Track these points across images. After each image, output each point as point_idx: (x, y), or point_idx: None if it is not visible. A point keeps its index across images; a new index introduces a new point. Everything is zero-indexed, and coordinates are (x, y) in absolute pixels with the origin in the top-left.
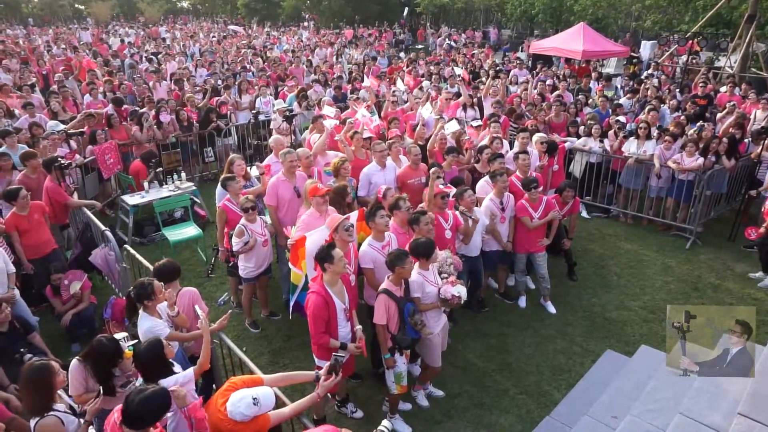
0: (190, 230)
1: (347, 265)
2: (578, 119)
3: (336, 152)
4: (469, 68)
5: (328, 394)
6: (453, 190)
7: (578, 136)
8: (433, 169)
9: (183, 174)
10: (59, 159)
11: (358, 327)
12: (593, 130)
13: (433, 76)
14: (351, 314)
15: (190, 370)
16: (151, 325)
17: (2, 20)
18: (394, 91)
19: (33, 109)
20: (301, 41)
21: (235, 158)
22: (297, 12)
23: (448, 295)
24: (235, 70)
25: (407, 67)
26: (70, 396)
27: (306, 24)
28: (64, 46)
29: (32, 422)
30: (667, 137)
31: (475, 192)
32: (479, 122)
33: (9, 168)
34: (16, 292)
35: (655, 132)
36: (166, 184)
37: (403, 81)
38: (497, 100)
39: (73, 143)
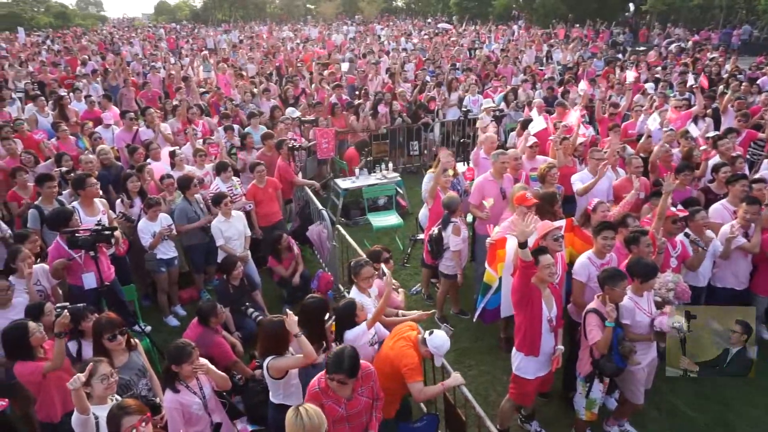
0: (392, 218)
1: (554, 275)
2: None
3: (545, 157)
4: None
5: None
6: (685, 214)
7: None
8: (667, 183)
9: (390, 164)
10: (291, 141)
11: (560, 348)
12: None
13: (661, 83)
14: (557, 330)
15: (364, 324)
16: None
17: (250, 18)
18: (610, 96)
19: (269, 94)
20: (511, 40)
21: (445, 152)
22: (508, 10)
23: (665, 328)
24: (444, 68)
25: (622, 71)
26: None
27: (516, 22)
28: (298, 41)
29: (266, 361)
30: None
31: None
32: (716, 133)
33: (252, 146)
34: (248, 253)
35: None
36: (374, 172)
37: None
38: (743, 112)
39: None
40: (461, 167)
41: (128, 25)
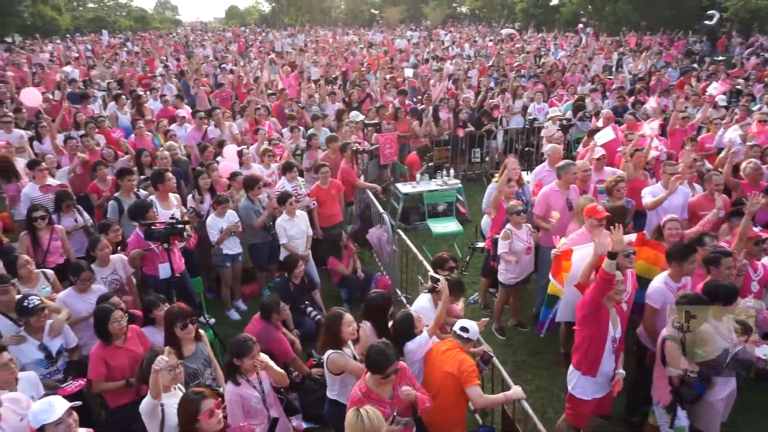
0: (452, 225)
1: (622, 293)
2: None
3: (613, 169)
4: None
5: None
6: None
7: None
8: (752, 202)
9: (451, 170)
10: (355, 144)
11: (621, 372)
12: None
13: (744, 96)
14: (619, 352)
15: (425, 333)
16: (425, 306)
17: (316, 23)
18: (686, 108)
19: (334, 97)
20: (578, 47)
21: (512, 161)
22: (576, 17)
23: (752, 357)
24: (509, 75)
25: (698, 81)
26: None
27: (584, 29)
28: (362, 46)
29: (325, 355)
30: None
31: None
32: None
33: (316, 147)
34: (309, 252)
35: None
36: (435, 178)
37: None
38: None
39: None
40: (526, 177)
41: (201, 28)
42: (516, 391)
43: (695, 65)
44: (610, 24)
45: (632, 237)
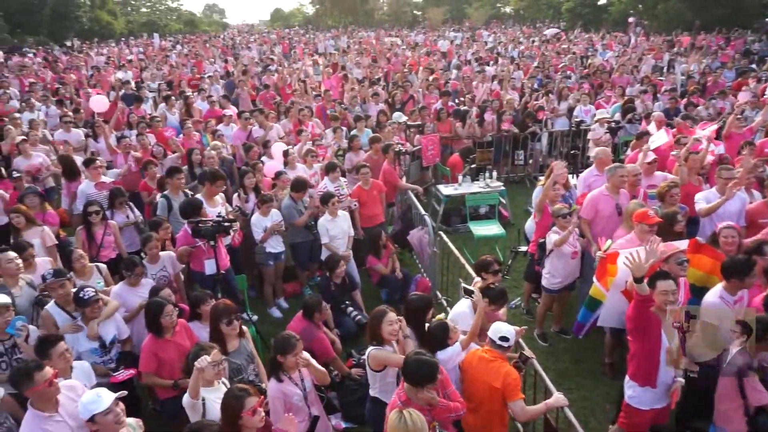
0: (494, 228)
1: (673, 303)
2: None
3: (664, 174)
4: None
5: None
6: None
7: None
8: None
9: (494, 172)
10: (398, 145)
11: (680, 380)
12: None
13: None
14: (678, 363)
15: (458, 345)
16: (464, 312)
17: (359, 24)
18: (743, 111)
19: (378, 98)
20: (627, 48)
21: (559, 164)
22: (625, 16)
23: None
24: (554, 76)
25: (758, 82)
26: None
27: (634, 29)
28: (404, 47)
29: (368, 350)
30: None
31: None
32: None
33: (358, 148)
34: (350, 253)
35: None
36: (477, 180)
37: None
38: None
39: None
40: (572, 180)
41: (248, 30)
42: (557, 398)
43: (753, 66)
44: (662, 23)
45: (684, 243)
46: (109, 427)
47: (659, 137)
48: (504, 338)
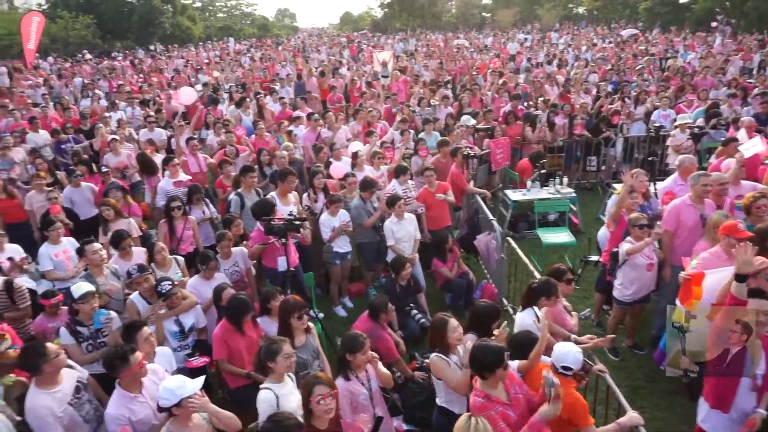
0: (564, 236)
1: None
2: None
3: (753, 183)
4: None
5: None
6: None
7: None
8: None
9: (564, 178)
10: (466, 149)
11: (762, 412)
12: None
13: None
14: (763, 390)
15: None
16: (528, 321)
17: (427, 27)
18: None
19: (447, 101)
20: (711, 49)
21: (640, 172)
22: (709, 15)
23: None
24: (631, 79)
25: None
26: None
27: (723, 28)
28: (473, 50)
29: (431, 355)
30: None
31: None
32: None
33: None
34: (416, 255)
35: None
36: (546, 185)
37: None
38: None
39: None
40: (651, 189)
41: (317, 34)
42: (632, 416)
43: None
44: (753, 21)
45: None
46: (188, 413)
47: (754, 144)
48: (566, 368)
